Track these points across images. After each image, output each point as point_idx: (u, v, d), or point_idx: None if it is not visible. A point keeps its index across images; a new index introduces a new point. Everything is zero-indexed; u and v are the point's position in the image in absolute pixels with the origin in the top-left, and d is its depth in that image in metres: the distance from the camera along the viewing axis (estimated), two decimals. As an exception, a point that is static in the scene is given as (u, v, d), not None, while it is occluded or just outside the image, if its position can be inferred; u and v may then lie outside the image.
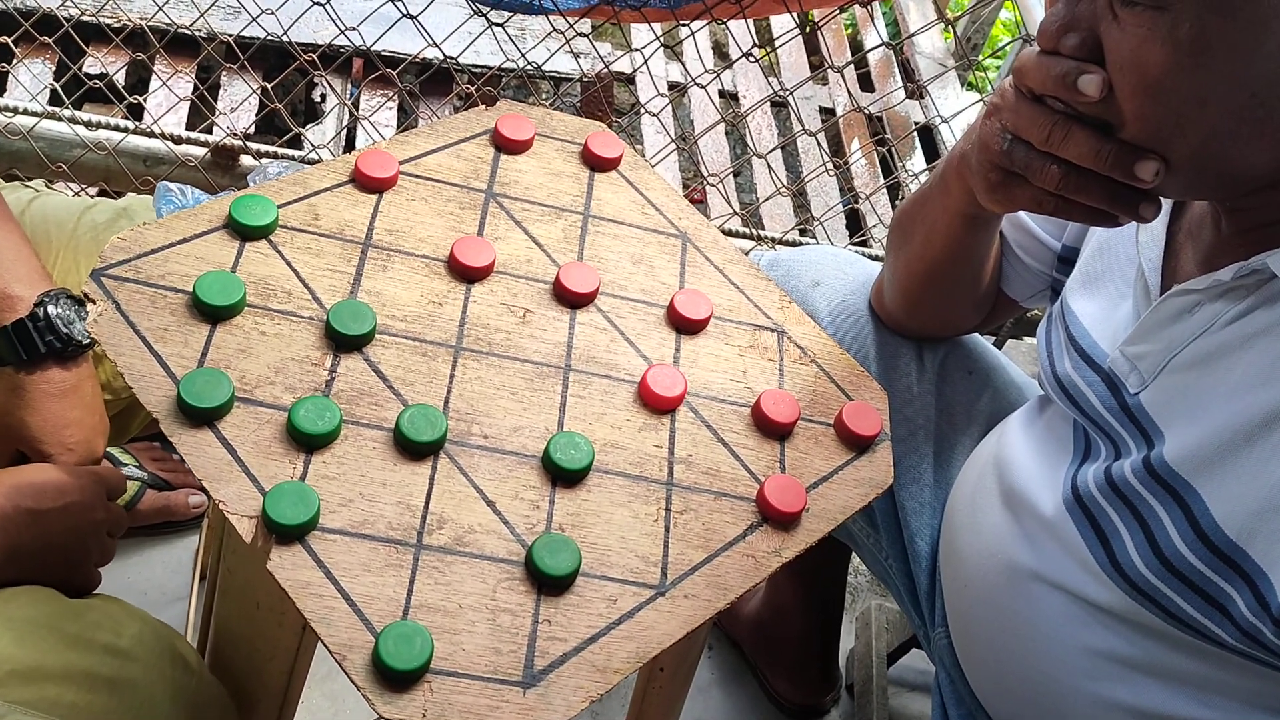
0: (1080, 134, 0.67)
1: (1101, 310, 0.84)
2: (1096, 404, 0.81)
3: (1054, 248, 0.93)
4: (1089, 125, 0.67)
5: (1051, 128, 0.68)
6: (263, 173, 1.31)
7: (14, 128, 1.46)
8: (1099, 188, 0.69)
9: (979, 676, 0.92)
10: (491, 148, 0.92)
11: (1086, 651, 0.80)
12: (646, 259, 0.89)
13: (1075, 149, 0.68)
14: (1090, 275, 0.87)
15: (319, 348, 0.75)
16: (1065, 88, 0.66)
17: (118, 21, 1.77)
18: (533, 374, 0.79)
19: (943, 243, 0.90)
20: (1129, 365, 0.78)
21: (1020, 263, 0.96)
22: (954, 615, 0.95)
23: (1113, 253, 0.85)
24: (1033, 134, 0.70)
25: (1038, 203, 0.73)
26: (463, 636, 0.65)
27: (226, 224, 0.79)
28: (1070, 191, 0.70)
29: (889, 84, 2.37)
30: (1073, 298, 0.87)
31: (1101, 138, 0.67)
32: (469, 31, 1.58)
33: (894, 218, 0.98)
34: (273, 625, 0.77)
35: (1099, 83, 0.65)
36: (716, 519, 0.75)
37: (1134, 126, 0.66)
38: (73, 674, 0.72)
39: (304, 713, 1.26)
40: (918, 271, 0.94)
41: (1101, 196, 0.69)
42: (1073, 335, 0.85)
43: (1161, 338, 0.75)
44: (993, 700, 0.91)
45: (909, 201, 0.95)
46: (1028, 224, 0.94)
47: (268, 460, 0.69)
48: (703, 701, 1.41)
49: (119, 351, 0.71)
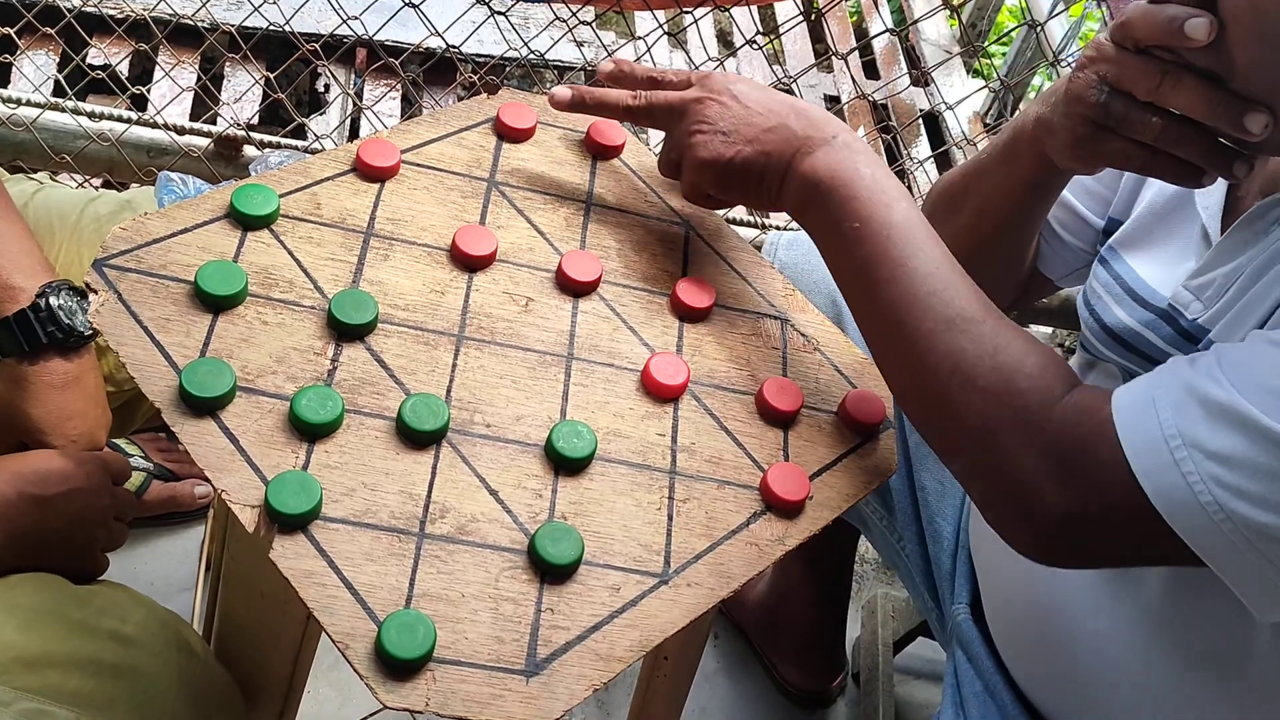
0: (1192, 81, 0.67)
1: (1163, 268, 0.84)
2: (1155, 339, 0.81)
3: (1097, 225, 0.93)
4: (1200, 74, 0.67)
5: (1163, 77, 0.68)
6: (264, 162, 1.30)
7: (17, 119, 1.46)
8: (1199, 141, 0.69)
9: (1015, 650, 0.91)
10: (494, 136, 0.92)
11: (1128, 622, 0.81)
12: (649, 247, 0.89)
13: (1185, 98, 0.68)
14: (1144, 236, 0.87)
15: (321, 337, 0.75)
16: (1173, 33, 0.66)
17: (121, 12, 1.77)
18: (535, 363, 0.78)
19: (1001, 214, 0.89)
20: (1191, 296, 0.78)
21: (1060, 241, 0.96)
22: (988, 591, 0.95)
23: (1171, 219, 0.85)
24: (1139, 84, 0.70)
25: (1126, 157, 0.73)
26: (465, 625, 0.65)
27: (228, 213, 0.79)
28: (1169, 144, 0.70)
29: (894, 71, 2.37)
30: (1125, 252, 0.87)
31: (1214, 86, 0.67)
32: (472, 20, 1.58)
33: (934, 192, 0.97)
34: (276, 615, 0.77)
35: (1207, 26, 0.64)
36: (719, 507, 0.75)
37: (1246, 77, 0.65)
38: (77, 660, 0.73)
39: (310, 702, 1.27)
40: (964, 245, 0.93)
41: (1200, 151, 0.69)
42: (1128, 284, 0.85)
43: (1230, 260, 0.76)
44: (1029, 673, 0.90)
45: (956, 174, 0.94)
46: (1070, 202, 0.94)
47: (270, 450, 0.69)
48: (708, 689, 1.41)
49: (121, 341, 0.71)
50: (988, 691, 0.93)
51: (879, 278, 0.73)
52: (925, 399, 0.72)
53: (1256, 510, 0.61)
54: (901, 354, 0.73)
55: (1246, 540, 0.62)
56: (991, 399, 0.68)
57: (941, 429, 0.72)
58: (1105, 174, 0.92)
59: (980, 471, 0.70)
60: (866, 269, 0.74)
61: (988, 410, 0.68)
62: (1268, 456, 0.61)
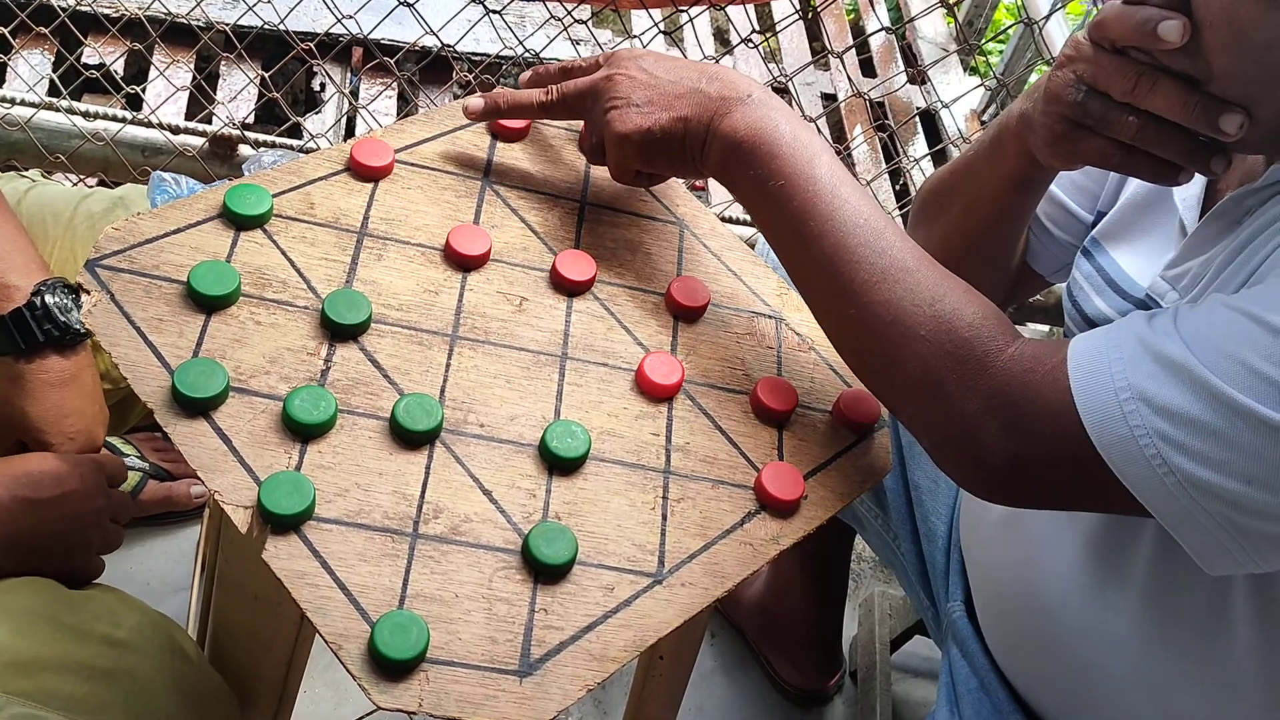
0: (1168, 85, 0.68)
1: (1142, 260, 0.84)
2: None
3: (1086, 220, 0.93)
4: (1176, 77, 0.68)
5: (1138, 78, 0.69)
6: (257, 161, 1.30)
7: (12, 119, 1.46)
8: (1175, 140, 0.70)
9: (1006, 646, 0.91)
10: (488, 135, 0.92)
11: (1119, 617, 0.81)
12: (643, 246, 0.89)
13: (1161, 100, 0.68)
14: (1124, 228, 0.87)
15: (314, 337, 0.75)
16: (1146, 35, 0.66)
17: (115, 11, 1.77)
18: (529, 362, 0.78)
19: (988, 211, 0.89)
20: (1167, 286, 0.79)
21: (1050, 236, 0.96)
22: (978, 587, 0.95)
23: (1151, 211, 0.86)
24: (1115, 84, 0.70)
25: (1103, 156, 0.73)
26: (459, 626, 0.65)
27: (221, 213, 0.79)
28: (1145, 143, 0.70)
29: (891, 69, 2.36)
30: (1107, 244, 0.87)
31: (1189, 89, 0.67)
32: (467, 19, 1.58)
33: (924, 190, 0.97)
34: (270, 615, 0.77)
35: (1180, 29, 0.65)
36: (714, 507, 0.75)
37: (1222, 81, 0.66)
38: (70, 664, 0.72)
39: (306, 703, 1.26)
40: (954, 243, 0.93)
41: (1177, 149, 0.70)
42: (1108, 274, 0.85)
43: (1205, 251, 0.76)
44: (1020, 670, 0.90)
45: (945, 171, 0.95)
46: (1059, 197, 0.95)
47: (263, 450, 0.68)
48: (706, 689, 1.41)
49: (113, 342, 0.71)
50: (982, 688, 0.93)
51: (809, 233, 0.73)
52: (866, 351, 0.73)
53: (1199, 467, 0.62)
54: (839, 308, 0.73)
55: (1189, 495, 0.63)
56: (933, 347, 0.69)
57: (885, 380, 0.73)
58: (1093, 169, 0.92)
59: (927, 418, 0.71)
60: (795, 225, 0.74)
61: (930, 359, 0.69)
62: (1212, 415, 0.62)
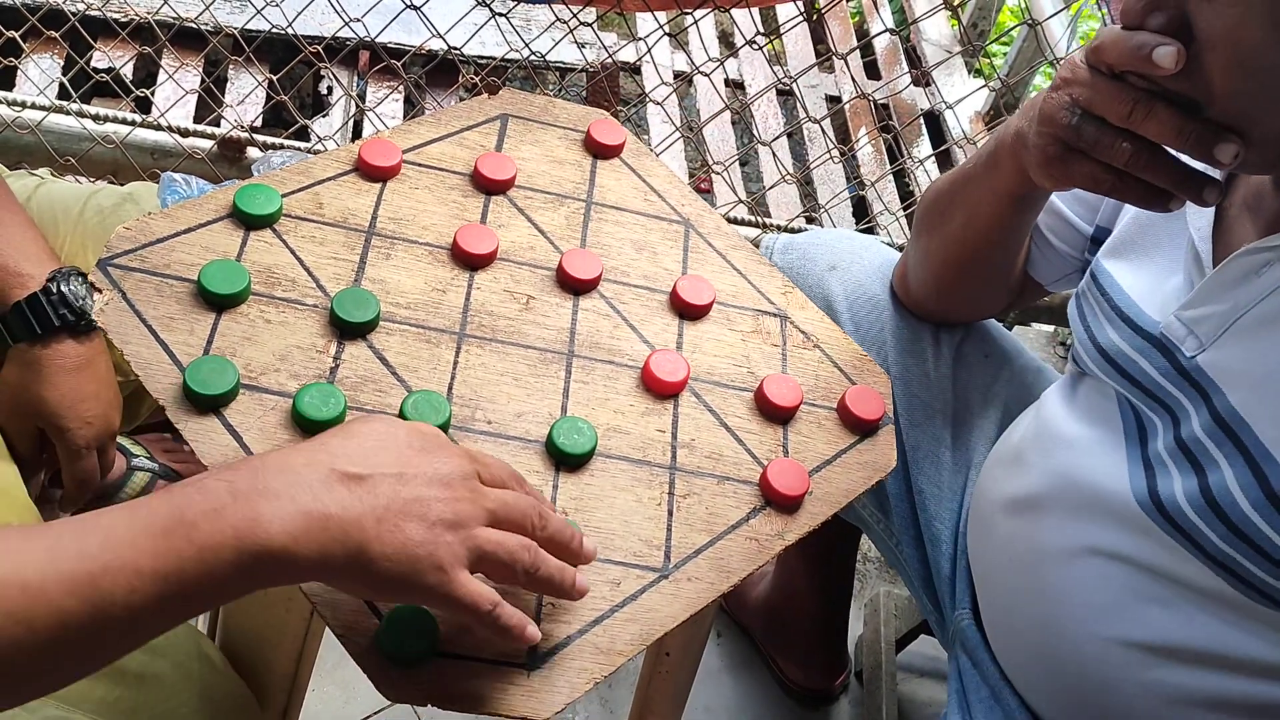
0: (1164, 112, 0.67)
1: (1149, 282, 0.83)
2: (1149, 369, 0.80)
3: (1086, 231, 0.93)
4: (1172, 103, 0.67)
5: (1134, 104, 0.68)
6: (266, 162, 1.31)
7: (23, 122, 1.47)
8: (1168, 168, 0.69)
9: (1014, 660, 0.91)
10: (495, 135, 0.92)
11: (1131, 635, 0.80)
12: (649, 245, 0.89)
13: (1157, 127, 0.68)
14: (1130, 246, 0.86)
15: (323, 335, 0.75)
16: (1142, 60, 0.66)
17: (125, 16, 1.78)
18: (536, 360, 0.79)
19: (986, 224, 0.89)
20: (1185, 330, 0.78)
21: (1050, 247, 0.96)
22: (987, 600, 0.94)
23: (1157, 228, 0.85)
24: (1111, 110, 0.69)
25: (1094, 180, 0.73)
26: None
27: (231, 213, 0.80)
28: (1138, 170, 0.70)
29: (895, 71, 2.37)
30: (1111, 267, 0.87)
31: (1185, 116, 0.67)
32: (473, 22, 1.59)
33: (926, 199, 0.97)
34: (280, 610, 0.78)
35: (1175, 55, 0.65)
36: (719, 503, 0.75)
37: (1224, 102, 0.66)
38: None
39: (315, 700, 1.27)
40: (954, 254, 0.93)
41: (1169, 177, 0.69)
42: (1117, 305, 0.85)
43: (1226, 299, 0.75)
44: (1029, 683, 0.90)
45: (945, 181, 0.94)
46: (1059, 208, 0.94)
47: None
48: (713, 688, 1.41)
49: (125, 340, 0.71)
50: (994, 698, 0.93)
51: None
52: None
53: None
54: None
55: None
56: None
57: None
58: None
59: None
60: None
61: None
62: None
